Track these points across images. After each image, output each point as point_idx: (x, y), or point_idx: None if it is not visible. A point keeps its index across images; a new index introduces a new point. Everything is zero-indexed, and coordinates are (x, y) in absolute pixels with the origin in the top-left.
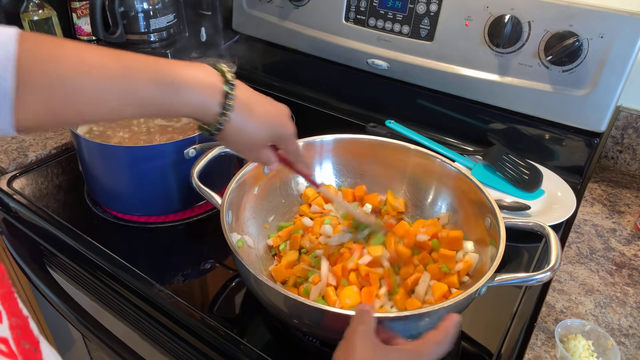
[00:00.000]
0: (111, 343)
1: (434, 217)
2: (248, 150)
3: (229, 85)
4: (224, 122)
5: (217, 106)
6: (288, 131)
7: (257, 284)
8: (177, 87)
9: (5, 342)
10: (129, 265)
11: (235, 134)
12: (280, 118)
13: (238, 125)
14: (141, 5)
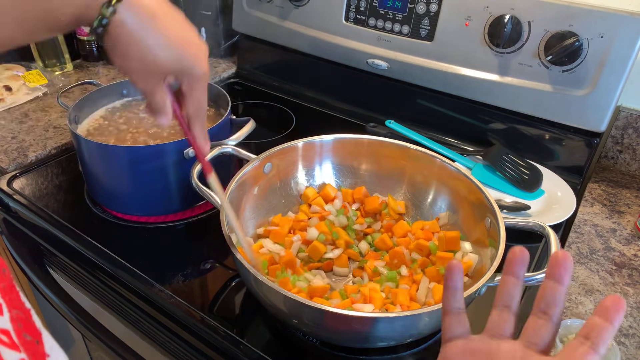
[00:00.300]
0: (111, 343)
1: (434, 217)
2: (140, 75)
3: None
4: (109, 14)
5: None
6: (200, 67)
7: (257, 284)
8: None
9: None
10: (129, 265)
11: (128, 43)
12: (194, 47)
13: (132, 29)
14: None
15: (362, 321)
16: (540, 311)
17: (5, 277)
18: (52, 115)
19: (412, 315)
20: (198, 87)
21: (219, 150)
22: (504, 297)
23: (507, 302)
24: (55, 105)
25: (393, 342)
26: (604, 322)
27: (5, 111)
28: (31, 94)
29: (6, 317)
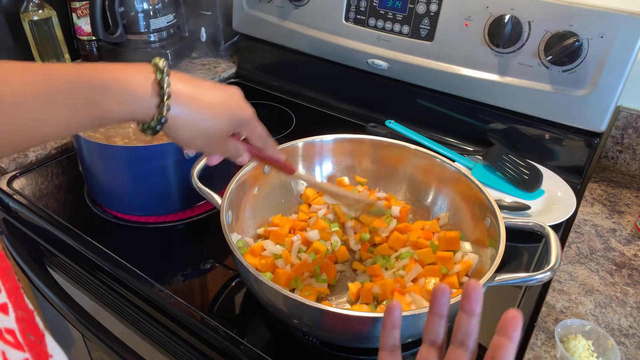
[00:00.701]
0: (111, 343)
1: (434, 217)
2: (209, 145)
3: (161, 72)
4: (165, 112)
5: (154, 97)
6: (246, 114)
7: (257, 284)
8: (104, 86)
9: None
10: (129, 265)
11: (186, 127)
12: (233, 101)
13: (185, 116)
14: (141, 5)
15: (362, 321)
16: (457, 342)
17: (11, 278)
18: None
19: (412, 315)
20: (253, 126)
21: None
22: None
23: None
24: None
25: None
26: (505, 340)
27: None
28: None
29: (12, 317)
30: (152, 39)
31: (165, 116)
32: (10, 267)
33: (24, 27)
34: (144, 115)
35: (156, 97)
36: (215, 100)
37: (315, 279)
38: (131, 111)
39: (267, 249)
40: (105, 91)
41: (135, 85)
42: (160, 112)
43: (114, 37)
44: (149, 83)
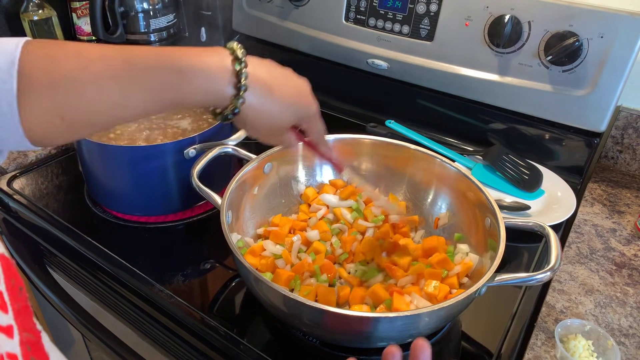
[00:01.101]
0: (111, 343)
1: (434, 217)
2: (269, 135)
3: (240, 63)
4: (240, 104)
5: (230, 87)
6: (312, 110)
7: (257, 284)
8: (182, 71)
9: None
10: (129, 265)
11: (255, 118)
12: (303, 95)
13: (257, 107)
14: (141, 5)
15: (362, 321)
16: None
17: (22, 298)
18: None
19: (412, 315)
20: (314, 122)
21: (219, 150)
22: None
23: None
24: None
25: (393, 342)
26: None
27: None
28: None
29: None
30: (152, 39)
31: (239, 108)
32: (22, 284)
33: (24, 27)
34: (218, 104)
35: (233, 88)
36: (286, 93)
37: (315, 279)
38: (207, 99)
39: (267, 249)
40: (182, 77)
41: (213, 74)
42: (234, 104)
43: (114, 37)
44: (227, 73)
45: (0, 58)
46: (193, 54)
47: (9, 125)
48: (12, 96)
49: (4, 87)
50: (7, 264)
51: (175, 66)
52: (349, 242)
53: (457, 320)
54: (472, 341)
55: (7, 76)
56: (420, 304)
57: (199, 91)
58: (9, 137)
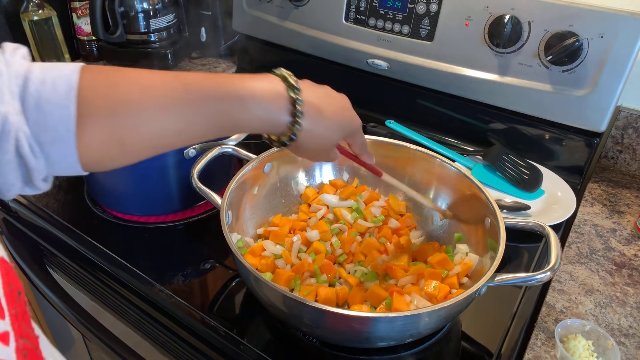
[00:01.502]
0: (111, 343)
1: (434, 217)
2: (319, 154)
3: (294, 90)
4: (297, 131)
5: (287, 115)
6: (357, 125)
7: (257, 283)
8: (241, 100)
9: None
10: (129, 265)
11: (308, 141)
12: (348, 113)
13: (310, 130)
14: (141, 5)
15: (362, 321)
16: None
17: (20, 303)
18: None
19: (412, 315)
20: (359, 135)
21: (219, 150)
22: None
23: None
24: None
25: (393, 342)
26: None
27: None
28: None
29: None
30: (152, 39)
31: (296, 134)
32: (21, 288)
33: (24, 27)
34: (275, 131)
35: (289, 115)
36: (333, 114)
37: (315, 279)
38: (263, 126)
39: (267, 249)
40: (241, 105)
41: (269, 102)
42: (291, 131)
43: (114, 37)
44: (283, 101)
45: (59, 83)
46: (249, 82)
47: (65, 150)
48: (71, 121)
49: (63, 112)
50: (7, 268)
51: (234, 94)
52: (348, 242)
53: (457, 320)
54: (472, 341)
55: (66, 101)
56: (420, 304)
57: (256, 119)
58: (62, 161)
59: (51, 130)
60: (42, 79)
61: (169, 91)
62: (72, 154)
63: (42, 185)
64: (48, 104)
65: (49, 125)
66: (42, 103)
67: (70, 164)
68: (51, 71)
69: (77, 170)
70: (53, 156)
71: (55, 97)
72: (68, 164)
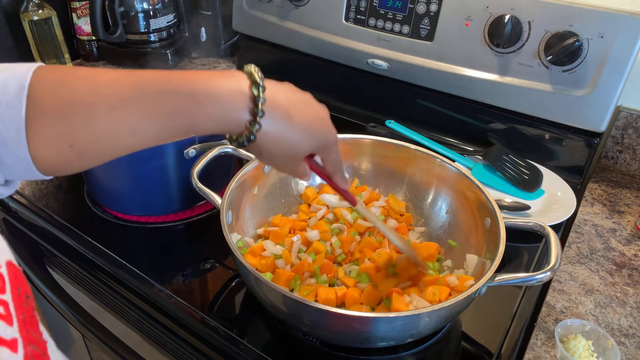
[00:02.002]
0: (111, 343)
1: (434, 217)
2: (285, 164)
3: (257, 87)
4: (255, 131)
5: (246, 113)
6: (332, 139)
7: (257, 284)
8: (193, 96)
9: None
10: (129, 265)
11: (272, 145)
12: (322, 123)
13: (274, 133)
14: (141, 5)
15: (362, 321)
16: None
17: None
18: None
19: (412, 315)
20: (332, 152)
21: (219, 150)
22: None
23: None
24: None
25: (393, 342)
26: None
27: None
28: None
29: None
30: (152, 39)
31: (255, 134)
32: (29, 292)
33: (24, 27)
34: (233, 130)
35: (249, 114)
36: (305, 120)
37: (315, 279)
38: (220, 126)
39: (267, 249)
40: (194, 102)
41: (227, 99)
42: (250, 131)
43: (114, 37)
44: (243, 98)
45: (11, 83)
46: (207, 78)
47: (17, 153)
48: (21, 122)
49: (13, 113)
50: (15, 271)
51: (187, 90)
52: (347, 242)
53: (457, 320)
54: (472, 341)
55: (16, 102)
56: (420, 304)
57: (212, 117)
58: (17, 165)
59: (2, 132)
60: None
61: (121, 88)
62: (25, 157)
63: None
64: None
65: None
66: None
67: (25, 167)
68: (5, 71)
69: (35, 173)
70: (6, 159)
71: (5, 98)
72: (23, 167)
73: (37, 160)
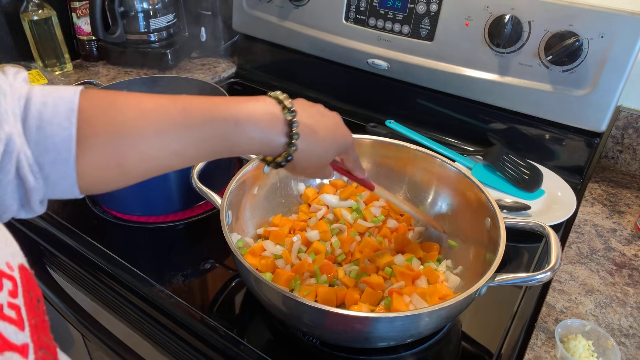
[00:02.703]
0: (111, 343)
1: (434, 216)
2: (315, 172)
3: (290, 112)
4: (293, 151)
5: (283, 136)
6: (350, 142)
7: (257, 284)
8: (237, 122)
9: None
10: (129, 265)
11: (304, 161)
12: (341, 131)
13: (306, 150)
14: (141, 5)
15: (362, 321)
16: None
17: (39, 312)
18: None
19: (413, 315)
20: (350, 152)
21: None
22: None
23: None
24: None
25: (393, 342)
26: None
27: None
28: None
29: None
30: (152, 39)
31: (292, 155)
32: (40, 296)
33: (23, 27)
34: (270, 152)
35: (285, 136)
36: (328, 133)
37: (315, 279)
38: (260, 149)
39: (267, 249)
40: (238, 127)
41: (266, 124)
42: (288, 152)
43: (114, 37)
44: (279, 122)
45: (60, 104)
46: (244, 105)
47: (65, 170)
48: (71, 142)
49: (64, 134)
50: (27, 275)
51: (230, 117)
52: (347, 242)
53: (457, 320)
54: (472, 341)
55: (67, 122)
56: (419, 305)
57: (252, 141)
58: (61, 182)
59: (52, 152)
60: (44, 101)
61: (167, 114)
62: (72, 175)
63: (39, 208)
64: (49, 125)
65: (50, 146)
66: (43, 124)
67: (68, 185)
68: (52, 93)
69: (75, 192)
70: (52, 177)
71: (56, 119)
72: (66, 185)
73: (82, 178)
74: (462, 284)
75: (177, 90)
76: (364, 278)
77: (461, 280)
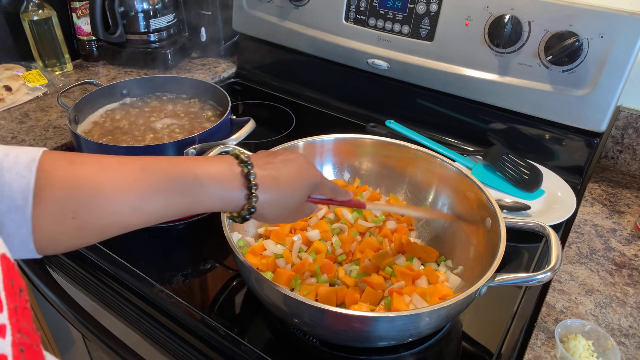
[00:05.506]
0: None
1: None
2: (290, 216)
3: (246, 165)
4: (254, 202)
5: (242, 189)
6: (318, 179)
7: (258, 283)
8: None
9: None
10: (129, 265)
11: (271, 210)
12: (305, 172)
13: (270, 200)
14: (141, 5)
15: (362, 320)
16: None
17: (21, 299)
18: (52, 115)
19: (413, 314)
20: (323, 185)
21: (219, 150)
22: None
23: None
24: (55, 105)
25: (393, 342)
26: None
27: (6, 111)
28: (31, 94)
29: (8, 341)
30: (152, 39)
31: (254, 206)
32: (23, 287)
33: (24, 27)
34: (233, 207)
35: (244, 189)
36: (291, 176)
37: (315, 278)
38: (221, 204)
39: (268, 248)
40: (197, 183)
41: (225, 179)
42: (250, 204)
43: (114, 37)
44: (236, 176)
45: (21, 156)
46: (203, 163)
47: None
48: (29, 191)
49: (22, 182)
50: (8, 264)
51: (191, 175)
52: (348, 242)
53: (457, 320)
54: (472, 341)
55: (27, 171)
56: (420, 304)
57: (214, 197)
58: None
59: (8, 198)
60: (6, 152)
61: (126, 170)
62: (27, 225)
63: None
64: (8, 173)
65: (7, 193)
66: (2, 172)
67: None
68: (16, 149)
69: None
70: (7, 226)
71: (16, 167)
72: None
73: (37, 230)
74: (462, 284)
75: (177, 90)
76: (365, 278)
77: (461, 280)
